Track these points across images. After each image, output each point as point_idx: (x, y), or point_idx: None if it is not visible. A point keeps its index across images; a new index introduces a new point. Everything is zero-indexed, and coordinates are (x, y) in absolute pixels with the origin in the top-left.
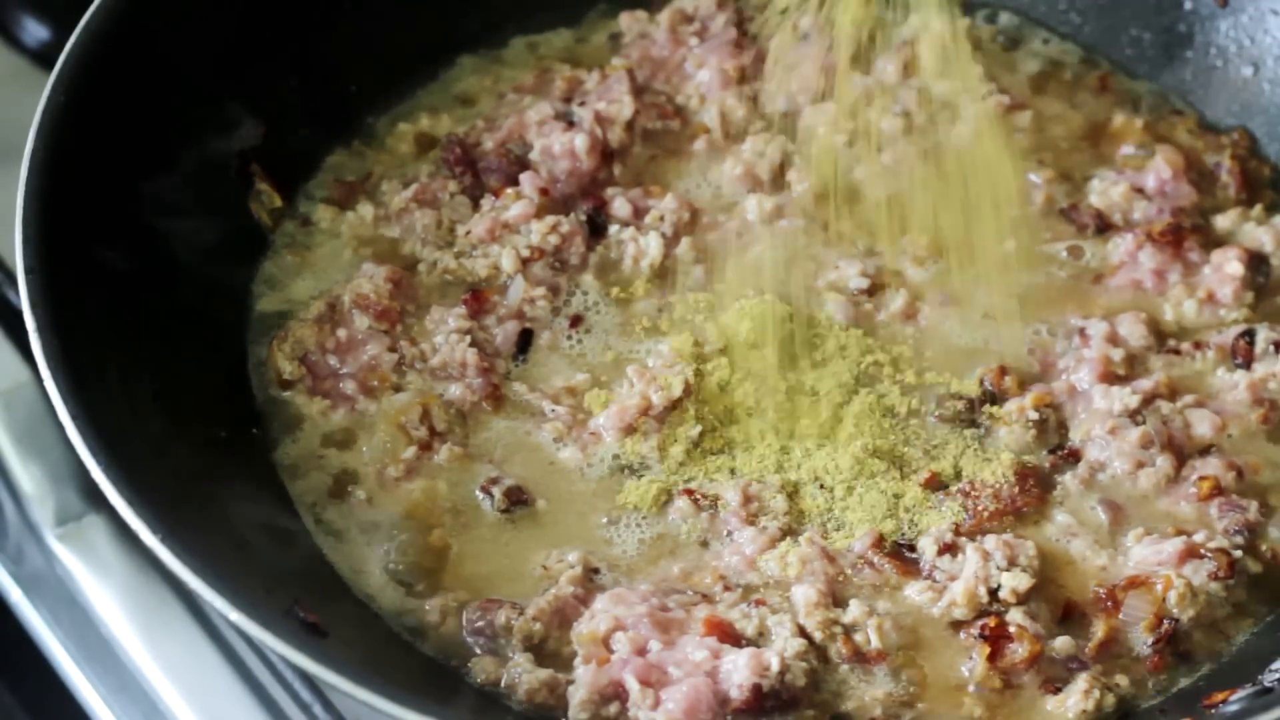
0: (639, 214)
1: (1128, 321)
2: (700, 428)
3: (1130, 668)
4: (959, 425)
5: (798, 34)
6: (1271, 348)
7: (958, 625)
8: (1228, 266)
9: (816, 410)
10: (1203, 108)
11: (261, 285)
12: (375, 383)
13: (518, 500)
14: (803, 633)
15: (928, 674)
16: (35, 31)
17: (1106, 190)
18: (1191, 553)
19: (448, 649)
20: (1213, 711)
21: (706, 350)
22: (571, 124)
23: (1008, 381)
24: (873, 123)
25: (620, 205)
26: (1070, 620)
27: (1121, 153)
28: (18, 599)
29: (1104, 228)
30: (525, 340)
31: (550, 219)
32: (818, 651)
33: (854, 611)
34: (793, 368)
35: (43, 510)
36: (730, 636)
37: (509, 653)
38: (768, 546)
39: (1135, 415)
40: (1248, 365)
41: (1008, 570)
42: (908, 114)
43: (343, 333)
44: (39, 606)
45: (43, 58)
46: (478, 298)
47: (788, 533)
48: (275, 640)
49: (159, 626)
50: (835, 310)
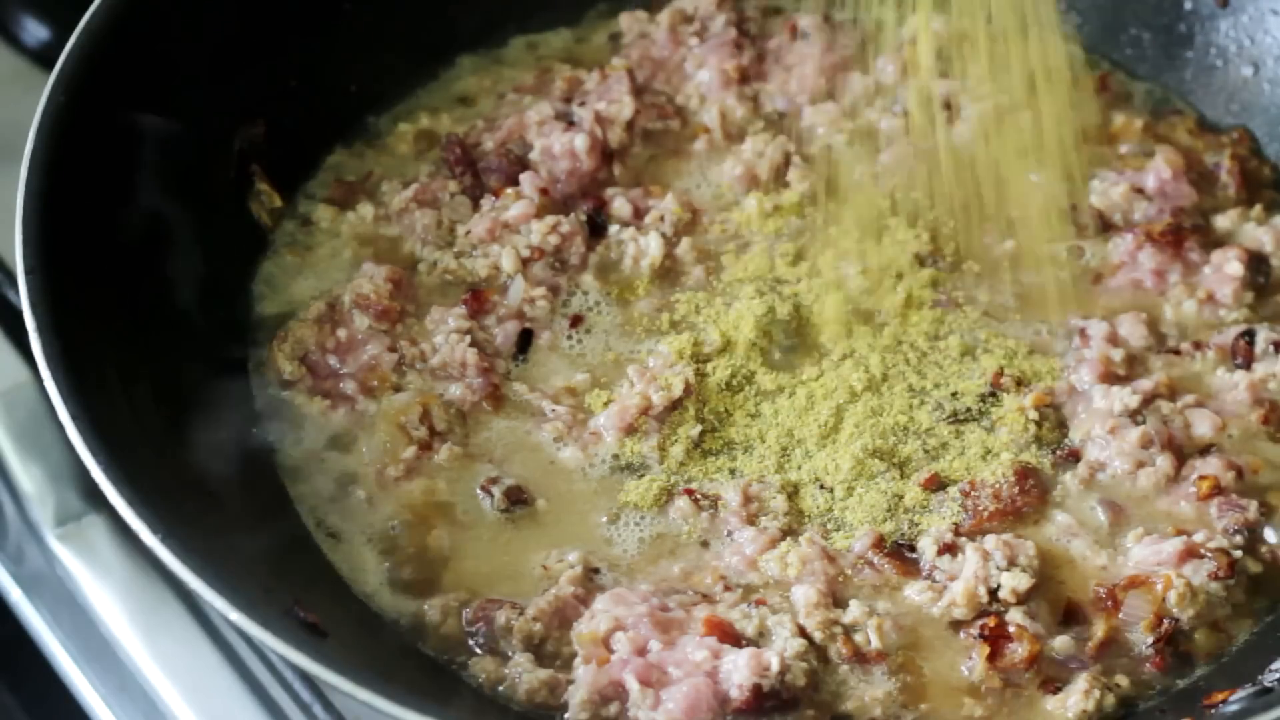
0: (639, 214)
1: (1128, 321)
2: (700, 428)
3: (1130, 668)
4: (959, 425)
5: (798, 34)
6: (1271, 348)
7: (958, 625)
8: (1228, 267)
9: (817, 410)
10: (1203, 108)
11: (261, 285)
12: (375, 383)
13: (518, 500)
14: (803, 633)
15: (928, 674)
16: (35, 31)
17: (1106, 190)
18: (1191, 553)
19: (448, 649)
20: (1213, 711)
21: (706, 350)
22: (571, 124)
23: (1007, 381)
24: (873, 122)
25: (620, 205)
26: (1070, 620)
27: (1121, 153)
28: (18, 599)
29: (1104, 228)
30: (525, 340)
31: (550, 219)
32: (818, 652)
33: (854, 612)
34: (793, 368)
35: (43, 510)
36: (730, 636)
37: (509, 653)
38: (768, 547)
39: (1135, 415)
40: (1248, 365)
41: (1008, 570)
42: (907, 114)
43: (343, 333)
44: (39, 606)
45: (43, 58)
46: (478, 298)
47: (788, 533)
48: (275, 640)
49: (159, 626)
50: (835, 310)
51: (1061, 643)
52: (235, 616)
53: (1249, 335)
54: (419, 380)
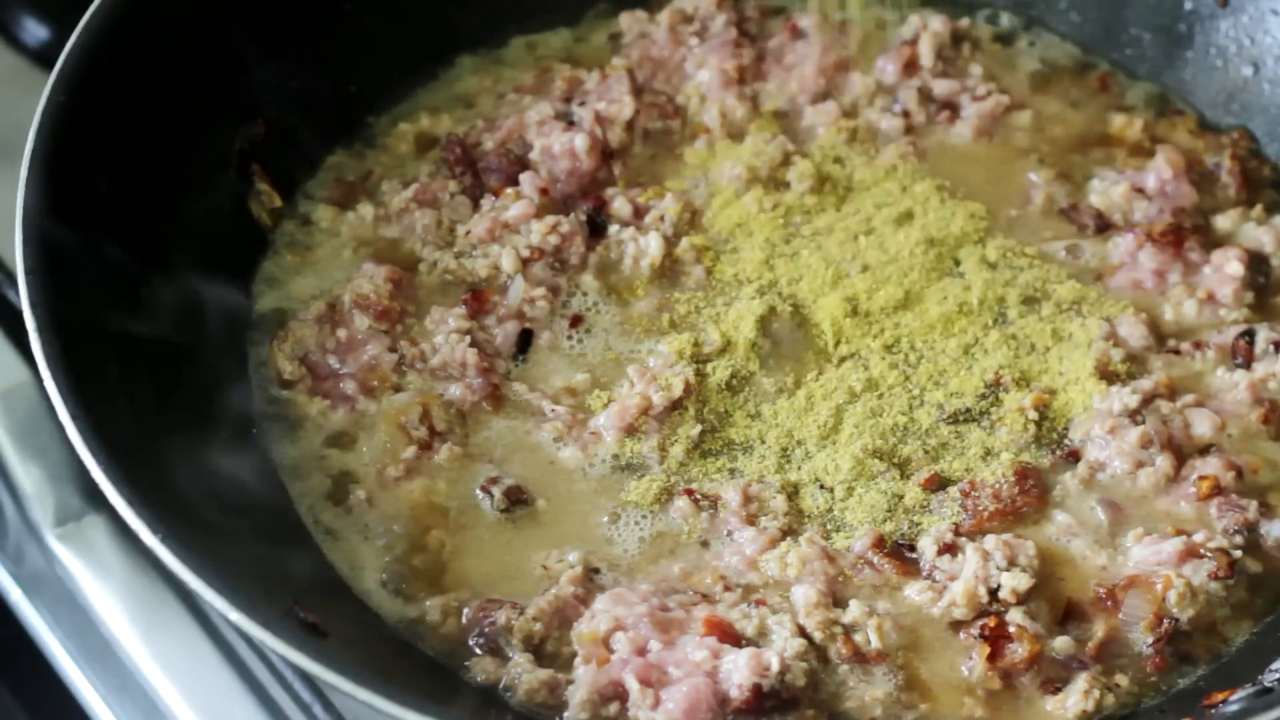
0: (639, 214)
1: (1128, 321)
2: (700, 428)
3: (1130, 668)
4: (959, 425)
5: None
6: (1271, 348)
7: (958, 625)
8: (1228, 266)
9: (817, 410)
10: (1203, 108)
11: (261, 285)
12: (375, 383)
13: (518, 500)
14: (803, 633)
15: (928, 674)
16: (35, 31)
17: (1106, 190)
18: (1191, 553)
19: (448, 649)
20: (1213, 711)
21: (706, 350)
22: (571, 124)
23: (1007, 381)
24: (873, 122)
25: (620, 205)
26: (1070, 620)
27: (1121, 152)
28: (18, 599)
29: (1104, 228)
30: (525, 340)
31: (550, 219)
32: (818, 651)
33: (854, 612)
34: (793, 368)
35: (43, 510)
36: (730, 636)
37: (509, 653)
38: (768, 547)
39: (1135, 415)
40: (1248, 365)
41: (1008, 570)
42: (907, 114)
43: (343, 333)
44: (39, 606)
45: (43, 58)
46: (478, 298)
47: (788, 533)
48: (275, 640)
49: (159, 626)
50: (835, 309)
51: (1061, 643)
52: (235, 616)
53: (1249, 335)
54: (419, 380)
